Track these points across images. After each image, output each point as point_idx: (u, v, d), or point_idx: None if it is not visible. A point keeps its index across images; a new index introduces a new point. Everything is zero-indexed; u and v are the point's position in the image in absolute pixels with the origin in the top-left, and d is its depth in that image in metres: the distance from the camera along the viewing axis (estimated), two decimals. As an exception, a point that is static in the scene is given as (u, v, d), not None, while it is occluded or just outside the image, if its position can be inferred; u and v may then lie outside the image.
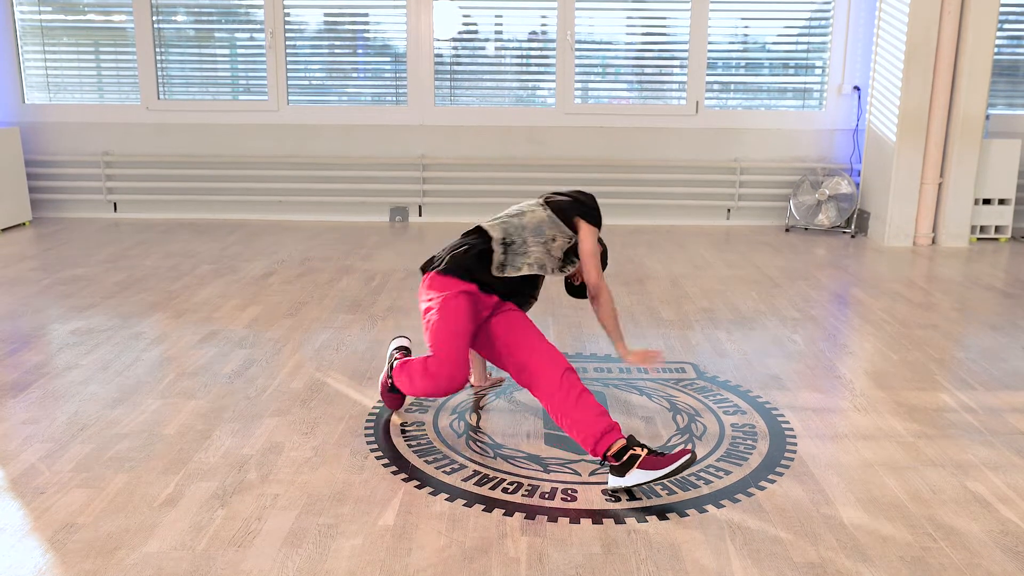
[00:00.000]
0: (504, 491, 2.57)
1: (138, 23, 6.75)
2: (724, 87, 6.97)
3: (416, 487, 2.59)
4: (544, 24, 6.83)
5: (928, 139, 6.03)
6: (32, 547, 2.24)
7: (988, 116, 6.14)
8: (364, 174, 6.91)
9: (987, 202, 6.29)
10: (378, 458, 2.77)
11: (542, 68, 6.92)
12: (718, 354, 3.82)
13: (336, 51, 7.02)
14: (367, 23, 6.98)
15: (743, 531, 2.36)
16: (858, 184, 6.59)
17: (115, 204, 7.00)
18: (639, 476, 2.50)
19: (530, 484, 2.62)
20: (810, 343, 4.00)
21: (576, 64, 6.81)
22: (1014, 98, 6.90)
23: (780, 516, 2.44)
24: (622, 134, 6.83)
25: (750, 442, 2.92)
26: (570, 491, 2.58)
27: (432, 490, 2.57)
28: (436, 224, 6.86)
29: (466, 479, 2.65)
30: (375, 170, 6.91)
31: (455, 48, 6.86)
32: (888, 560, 2.22)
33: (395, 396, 3.07)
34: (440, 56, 6.83)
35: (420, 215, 7.00)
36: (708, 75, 6.81)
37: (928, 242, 6.22)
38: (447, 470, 2.70)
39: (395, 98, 6.96)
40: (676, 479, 2.64)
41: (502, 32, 6.94)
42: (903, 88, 5.94)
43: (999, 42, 6.30)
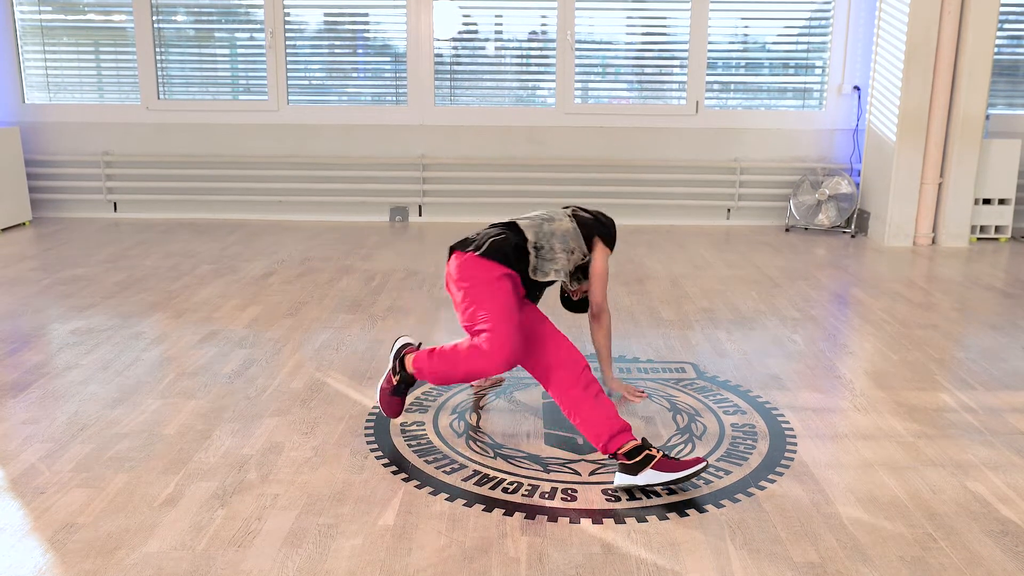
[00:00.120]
0: (504, 491, 2.57)
1: (138, 23, 6.75)
2: (724, 87, 6.97)
3: (416, 487, 2.59)
4: (544, 24, 6.83)
5: (928, 139, 6.03)
6: (32, 547, 2.24)
7: (988, 116, 6.15)
8: (364, 174, 6.91)
9: (987, 202, 6.29)
10: (378, 458, 2.77)
11: (542, 68, 6.92)
12: (718, 354, 3.82)
13: (336, 51, 7.03)
14: (367, 23, 6.99)
15: (743, 531, 2.36)
16: (858, 184, 6.59)
17: (115, 204, 7.00)
18: (652, 476, 2.52)
19: (530, 484, 2.62)
20: (810, 343, 3.99)
21: (576, 64, 6.81)
22: (1014, 98, 6.90)
23: (780, 516, 2.44)
24: (622, 134, 6.83)
25: (750, 442, 2.92)
26: (570, 491, 2.58)
27: (432, 490, 2.57)
28: (436, 224, 6.86)
29: (466, 479, 2.65)
30: (375, 170, 6.91)
31: (455, 48, 6.86)
32: (888, 560, 2.22)
33: (396, 401, 3.00)
34: (440, 56, 6.83)
35: (420, 215, 7.00)
36: (708, 75, 6.81)
37: (928, 242, 6.22)
38: (447, 470, 2.70)
39: (395, 98, 6.96)
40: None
41: (502, 32, 6.94)
42: (903, 88, 5.94)
43: (999, 42, 6.30)
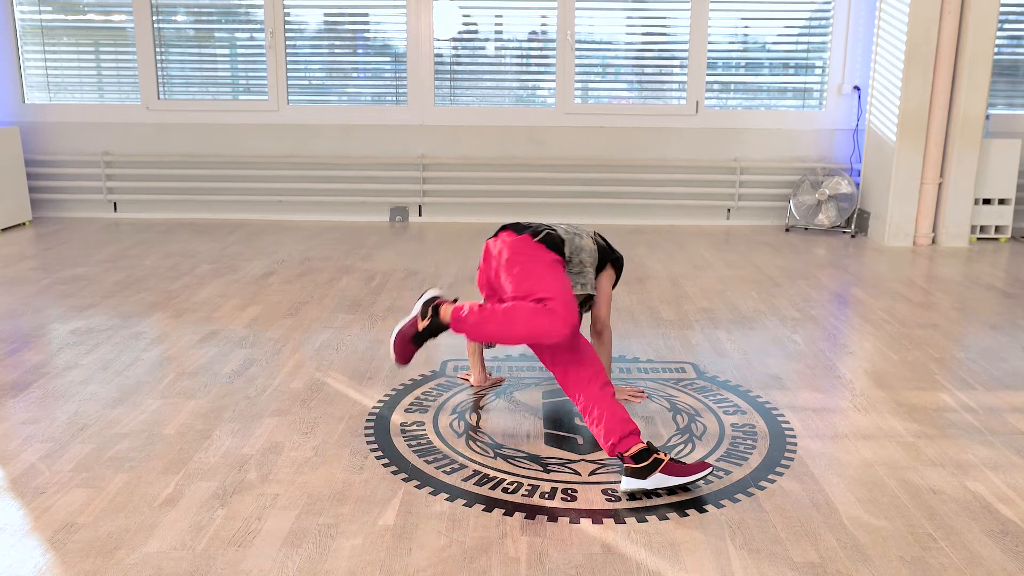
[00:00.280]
0: (504, 491, 2.57)
1: (138, 23, 6.75)
2: (724, 87, 6.97)
3: (416, 487, 2.59)
4: (544, 24, 6.83)
5: (928, 139, 6.03)
6: (32, 547, 2.24)
7: (988, 116, 6.15)
8: (364, 174, 6.91)
9: (987, 202, 6.29)
10: (378, 458, 2.77)
11: (542, 68, 6.92)
12: (718, 354, 3.82)
13: (336, 51, 7.03)
14: (367, 23, 6.99)
15: (743, 531, 2.36)
16: (858, 184, 6.59)
17: (115, 204, 7.00)
18: (660, 480, 2.53)
19: (530, 484, 2.62)
20: (810, 343, 3.99)
21: (576, 64, 6.81)
22: (1014, 98, 6.90)
23: (780, 516, 2.44)
24: (622, 134, 6.83)
25: (750, 442, 2.92)
26: (570, 491, 2.58)
27: (432, 490, 2.57)
28: (436, 224, 6.86)
29: (466, 479, 2.65)
30: (375, 170, 6.91)
31: (455, 48, 6.86)
32: (888, 560, 2.22)
33: (412, 349, 2.98)
34: (440, 56, 6.83)
35: (420, 215, 7.00)
36: (708, 75, 6.81)
37: (928, 242, 6.22)
38: (447, 470, 2.70)
39: (395, 98, 6.96)
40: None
41: (502, 32, 6.94)
42: (903, 88, 5.94)
43: (999, 42, 6.30)
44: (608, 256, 3.23)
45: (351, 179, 6.92)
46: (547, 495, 2.55)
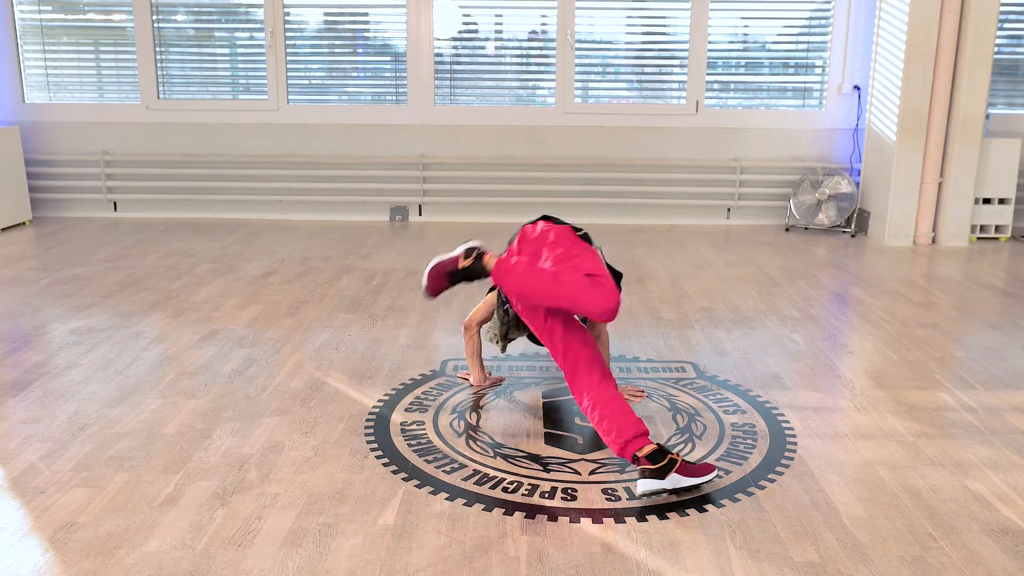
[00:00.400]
0: (504, 490, 2.57)
1: (138, 22, 6.75)
2: (724, 86, 6.97)
3: (416, 486, 2.59)
4: (544, 23, 6.82)
5: (928, 138, 6.03)
6: (32, 546, 2.24)
7: (988, 115, 6.14)
8: (364, 173, 6.91)
9: (987, 201, 6.29)
10: (378, 457, 2.77)
11: (542, 67, 6.91)
12: (718, 353, 3.82)
13: (336, 50, 7.02)
14: (367, 22, 6.98)
15: (743, 530, 2.36)
16: (858, 183, 6.59)
17: (115, 203, 7.00)
18: (676, 480, 2.53)
19: (530, 484, 2.62)
20: (810, 342, 3.99)
21: (576, 63, 6.81)
22: (1014, 97, 6.89)
23: (780, 515, 2.44)
24: (622, 133, 6.83)
25: (750, 441, 2.92)
26: (570, 490, 2.58)
27: (432, 489, 2.57)
28: (436, 223, 6.86)
29: (466, 478, 2.65)
30: (375, 169, 6.91)
31: (455, 47, 6.86)
32: (888, 559, 2.22)
33: (445, 283, 2.95)
34: (440, 55, 6.83)
35: (420, 214, 7.00)
36: (708, 74, 6.81)
37: (928, 241, 6.22)
38: (447, 469, 2.70)
39: (395, 97, 6.96)
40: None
41: (502, 31, 6.94)
42: (903, 87, 5.94)
43: (999, 41, 6.30)
44: (611, 271, 3.27)
45: (351, 179, 6.91)
46: (547, 494, 2.55)
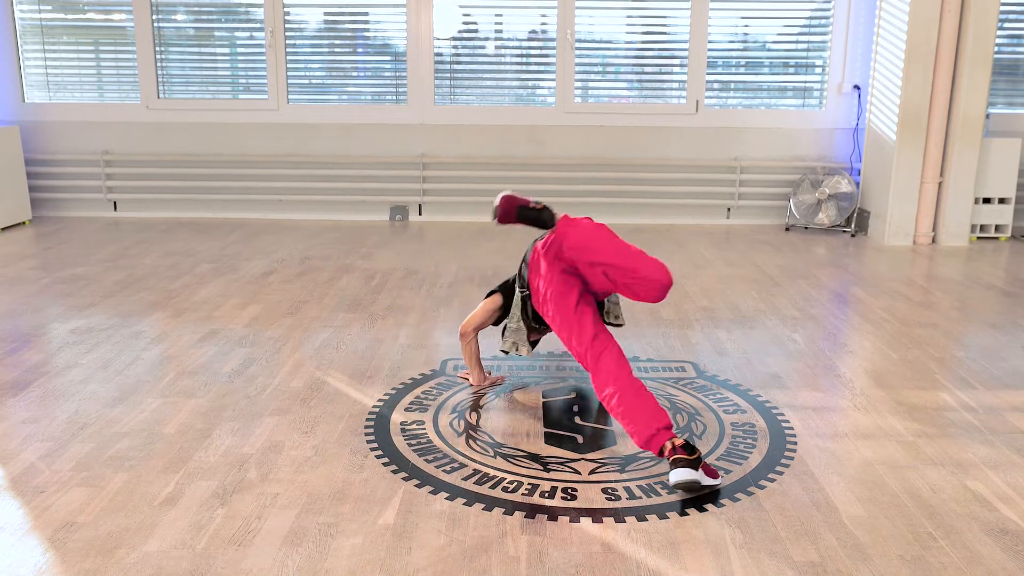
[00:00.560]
0: (504, 490, 2.57)
1: (138, 22, 6.75)
2: (724, 86, 6.97)
3: (416, 486, 2.59)
4: (544, 23, 6.82)
5: (928, 138, 6.03)
6: (32, 546, 2.24)
7: (988, 115, 6.14)
8: (364, 173, 6.91)
9: (987, 201, 6.29)
10: (378, 457, 2.77)
11: (542, 67, 6.91)
12: (718, 353, 3.82)
13: (336, 50, 7.02)
14: (367, 22, 6.98)
15: (743, 530, 2.36)
16: (858, 183, 6.59)
17: (115, 203, 7.00)
18: (701, 476, 2.54)
19: (530, 483, 2.62)
20: (810, 342, 3.99)
21: (576, 63, 6.81)
22: (1014, 97, 6.89)
23: (780, 515, 2.44)
24: (622, 133, 6.83)
25: (750, 441, 2.92)
26: (570, 490, 2.58)
27: (432, 489, 2.57)
28: (436, 223, 6.86)
29: (466, 478, 2.65)
30: (375, 169, 6.91)
31: (455, 47, 6.86)
32: (888, 559, 2.22)
33: (512, 215, 2.95)
34: (440, 55, 6.83)
35: (420, 214, 7.00)
36: (708, 74, 6.81)
37: (928, 241, 6.22)
38: (447, 469, 2.70)
39: (395, 97, 6.96)
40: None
41: (502, 31, 6.94)
42: (903, 87, 5.94)
43: (999, 41, 6.30)
44: None
45: (351, 178, 6.91)
46: (547, 494, 2.55)
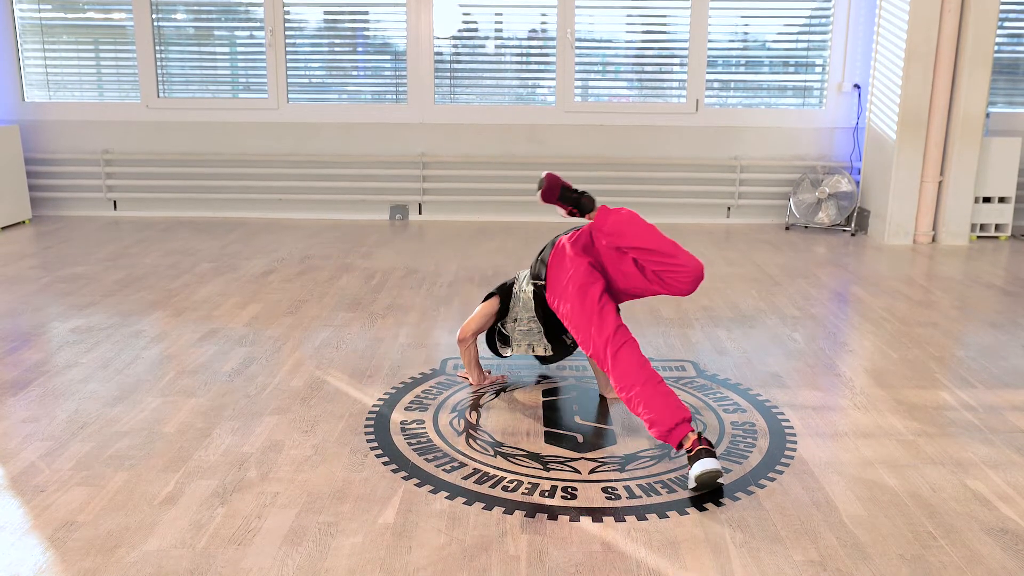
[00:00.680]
0: (504, 489, 2.57)
1: (138, 21, 6.75)
2: (724, 85, 6.97)
3: (416, 485, 2.59)
4: (544, 22, 6.82)
5: (928, 137, 6.02)
6: (32, 545, 2.25)
7: (988, 114, 6.14)
8: (364, 172, 6.91)
9: (987, 200, 6.29)
10: (378, 456, 2.77)
11: (542, 66, 6.91)
12: (718, 352, 3.82)
13: (336, 49, 7.02)
14: (367, 21, 6.98)
15: (743, 529, 2.36)
16: (858, 182, 6.59)
17: (115, 202, 7.00)
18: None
19: (530, 482, 2.62)
20: (810, 341, 3.99)
21: (576, 62, 6.81)
22: (1014, 96, 6.89)
23: (780, 514, 2.44)
24: (622, 132, 6.83)
25: (750, 440, 2.92)
26: (570, 489, 2.58)
27: (432, 488, 2.57)
28: (436, 222, 6.86)
29: (466, 477, 2.65)
30: (375, 168, 6.90)
31: (455, 46, 6.86)
32: (888, 558, 2.22)
33: (555, 192, 3.01)
34: (440, 54, 6.82)
35: (420, 213, 6.99)
36: (708, 73, 6.80)
37: (928, 240, 6.22)
38: (447, 468, 2.70)
39: (395, 96, 6.95)
40: (676, 476, 2.65)
41: (502, 30, 6.94)
42: (903, 86, 5.94)
43: (999, 40, 6.30)
44: None
45: (351, 177, 6.91)
46: (547, 493, 2.55)
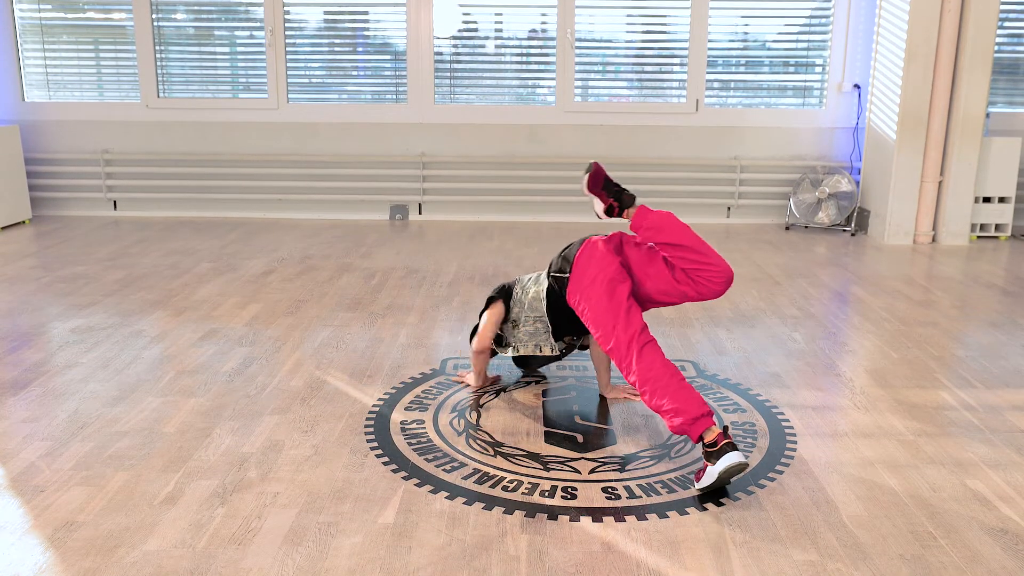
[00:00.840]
0: (504, 489, 2.57)
1: (138, 21, 6.75)
2: (724, 85, 6.97)
3: (416, 485, 2.59)
4: (544, 22, 6.82)
5: (928, 137, 6.02)
6: (32, 545, 2.24)
7: (988, 114, 6.14)
8: (364, 172, 6.91)
9: (987, 200, 6.29)
10: (378, 456, 2.77)
11: (542, 66, 6.91)
12: (718, 352, 3.82)
13: (336, 49, 7.02)
14: (367, 21, 6.98)
15: (743, 529, 2.36)
16: (858, 182, 6.59)
17: (115, 202, 7.00)
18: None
19: (530, 482, 2.62)
20: (810, 341, 3.99)
21: (576, 62, 6.81)
22: (1014, 96, 6.89)
23: (780, 514, 2.44)
24: (622, 132, 6.83)
25: (750, 440, 2.92)
26: (570, 489, 2.58)
27: (432, 488, 2.57)
28: (436, 222, 6.86)
29: (466, 477, 2.65)
30: (375, 168, 6.90)
31: (455, 46, 6.86)
32: (888, 558, 2.22)
33: (600, 181, 3.04)
34: (440, 54, 6.82)
35: (420, 213, 6.99)
36: (708, 73, 6.80)
37: (928, 240, 6.22)
38: (447, 468, 2.70)
39: (395, 96, 6.95)
40: (676, 476, 2.65)
41: (502, 30, 6.94)
42: (903, 86, 5.94)
43: (999, 40, 6.30)
44: None
45: (351, 177, 6.91)
46: (547, 493, 2.55)
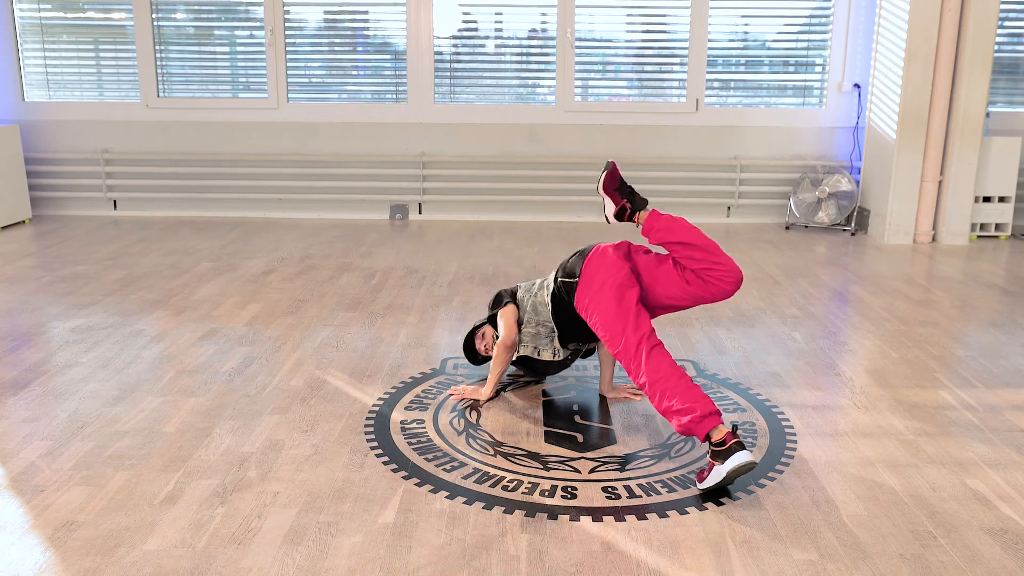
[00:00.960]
0: (504, 489, 2.57)
1: (138, 21, 6.75)
2: (724, 84, 6.96)
3: (416, 485, 2.59)
4: (544, 22, 6.82)
5: (928, 137, 6.02)
6: (32, 545, 2.25)
7: (988, 113, 6.14)
8: (364, 172, 6.91)
9: (987, 200, 6.29)
10: (378, 456, 2.77)
11: (542, 66, 6.91)
12: (718, 352, 3.82)
13: (336, 49, 7.02)
14: (367, 21, 6.98)
15: (743, 529, 2.36)
16: (858, 182, 6.59)
17: (115, 202, 7.00)
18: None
19: (530, 482, 2.62)
20: (810, 341, 3.99)
21: (576, 62, 6.80)
22: (1014, 95, 6.89)
23: (780, 514, 2.44)
24: (622, 132, 6.83)
25: (750, 440, 2.92)
26: (570, 488, 2.58)
27: (432, 488, 2.57)
28: (436, 222, 6.85)
29: (466, 477, 2.65)
30: (375, 167, 6.90)
31: (455, 46, 6.86)
32: (888, 558, 2.22)
33: (616, 181, 3.19)
34: (440, 54, 6.82)
35: (420, 212, 6.99)
36: (708, 72, 6.80)
37: (928, 240, 6.22)
38: (447, 468, 2.70)
39: (395, 96, 6.95)
40: (676, 476, 2.65)
41: (502, 30, 6.94)
42: (903, 85, 5.93)
43: (999, 39, 6.30)
44: None
45: (351, 177, 6.91)
46: (547, 493, 2.55)
